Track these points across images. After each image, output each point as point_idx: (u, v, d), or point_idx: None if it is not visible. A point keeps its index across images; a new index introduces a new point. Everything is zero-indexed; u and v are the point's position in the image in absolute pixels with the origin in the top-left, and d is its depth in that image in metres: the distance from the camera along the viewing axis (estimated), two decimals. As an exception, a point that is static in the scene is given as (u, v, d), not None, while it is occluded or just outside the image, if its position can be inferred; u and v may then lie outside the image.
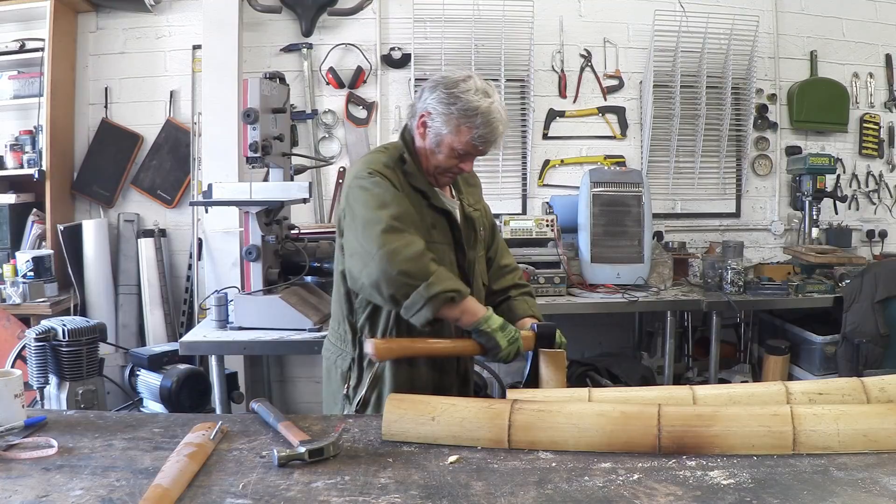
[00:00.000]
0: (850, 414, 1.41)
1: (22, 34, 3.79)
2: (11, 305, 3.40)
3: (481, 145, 1.85)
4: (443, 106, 1.82)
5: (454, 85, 1.82)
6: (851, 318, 3.31)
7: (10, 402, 1.53)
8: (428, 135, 1.88)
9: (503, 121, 1.85)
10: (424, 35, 3.99)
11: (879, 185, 4.37)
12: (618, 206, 3.46)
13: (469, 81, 1.82)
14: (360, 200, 1.80)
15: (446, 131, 1.84)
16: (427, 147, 1.89)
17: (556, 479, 1.30)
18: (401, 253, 1.69)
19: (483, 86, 1.84)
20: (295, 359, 4.09)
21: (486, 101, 1.81)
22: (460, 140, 1.83)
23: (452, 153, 1.86)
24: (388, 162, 1.87)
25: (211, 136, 3.76)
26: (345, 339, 1.95)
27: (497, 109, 1.82)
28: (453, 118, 1.82)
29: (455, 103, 1.81)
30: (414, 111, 1.91)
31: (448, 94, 1.82)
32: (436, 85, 1.85)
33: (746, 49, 4.10)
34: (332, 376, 2.00)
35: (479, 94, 1.81)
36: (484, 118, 1.80)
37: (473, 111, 1.80)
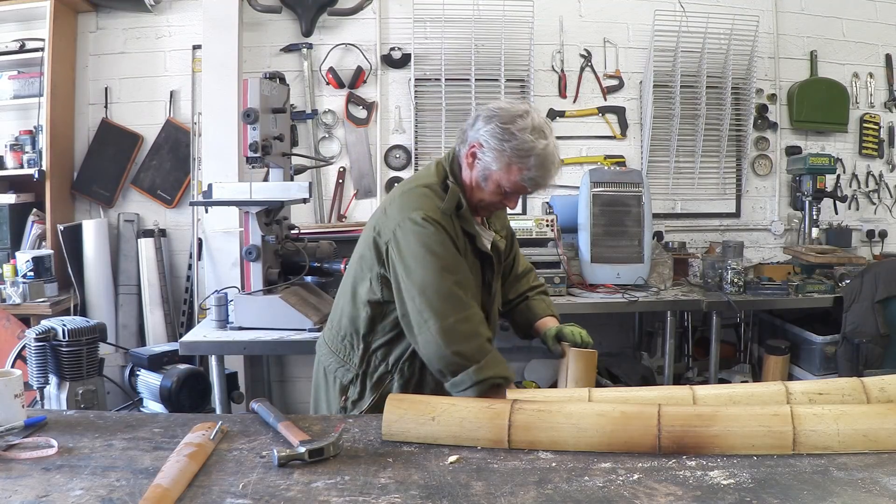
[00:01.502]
0: (850, 414, 1.41)
1: (22, 34, 3.79)
2: (11, 305, 3.40)
3: (531, 187, 1.79)
4: (496, 140, 1.74)
5: (511, 120, 1.73)
6: (851, 318, 3.32)
7: (10, 402, 1.53)
8: (476, 167, 1.80)
9: (557, 164, 1.78)
10: (424, 35, 3.99)
11: (879, 185, 4.37)
12: (618, 206, 3.46)
13: (526, 118, 1.74)
14: (418, 255, 1.72)
15: (496, 168, 1.76)
16: (473, 179, 1.82)
17: (556, 479, 1.30)
18: (457, 331, 1.67)
19: (541, 124, 1.76)
20: (295, 359, 4.09)
21: (542, 142, 1.73)
22: (509, 179, 1.77)
23: (498, 190, 1.80)
24: (446, 208, 1.78)
25: (211, 136, 3.76)
26: (351, 354, 1.92)
27: (552, 152, 1.75)
28: (505, 155, 1.74)
29: (509, 140, 1.73)
30: (464, 138, 1.82)
31: (503, 130, 1.73)
32: (491, 116, 1.76)
33: (746, 49, 4.10)
34: (328, 384, 1.97)
35: (536, 133, 1.73)
36: (538, 160, 1.73)
37: (527, 152, 1.73)
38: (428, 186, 1.82)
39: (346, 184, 4.10)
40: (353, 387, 1.91)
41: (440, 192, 1.81)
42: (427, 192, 1.81)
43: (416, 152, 4.10)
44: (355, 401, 1.90)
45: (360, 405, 1.89)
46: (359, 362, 1.90)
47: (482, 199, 1.84)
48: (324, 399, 2.00)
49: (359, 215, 4.09)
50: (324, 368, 2.00)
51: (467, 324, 1.70)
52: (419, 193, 1.81)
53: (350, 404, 1.90)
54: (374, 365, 1.90)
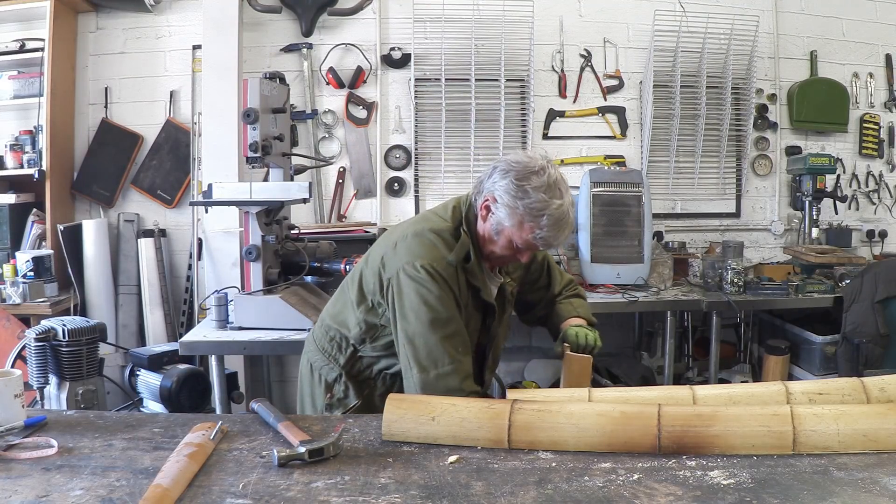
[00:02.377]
0: (850, 414, 1.41)
1: (22, 34, 3.79)
2: (11, 305, 3.40)
3: (542, 246, 1.78)
4: (509, 197, 1.72)
5: (526, 177, 1.71)
6: (851, 318, 3.31)
7: (10, 402, 1.53)
8: (489, 220, 1.78)
9: (570, 224, 1.76)
10: (424, 35, 3.99)
11: (879, 185, 4.37)
12: (618, 206, 3.46)
13: (542, 176, 1.71)
14: (413, 305, 1.74)
15: (508, 224, 1.74)
16: (486, 232, 1.80)
17: (556, 479, 1.30)
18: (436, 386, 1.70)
19: (557, 182, 1.73)
20: (295, 359, 4.07)
21: (556, 202, 1.71)
22: (521, 236, 1.75)
23: (510, 245, 1.78)
24: (453, 260, 1.77)
25: (211, 136, 3.76)
26: (337, 354, 1.95)
27: (566, 212, 1.73)
28: (518, 213, 1.72)
29: (523, 198, 1.70)
30: (481, 188, 1.80)
31: (517, 187, 1.71)
32: (507, 171, 1.74)
33: (746, 49, 4.10)
34: (313, 380, 2.00)
35: (550, 192, 1.71)
36: (550, 220, 1.71)
37: (540, 211, 1.70)
38: (440, 233, 1.81)
39: (346, 184, 4.10)
40: (337, 385, 1.94)
41: (451, 241, 1.80)
42: (437, 240, 1.79)
43: (416, 152, 4.10)
44: (341, 398, 1.93)
45: (345, 403, 1.92)
46: (343, 363, 1.94)
47: (494, 251, 1.82)
48: (308, 395, 2.02)
49: (359, 215, 4.09)
50: (310, 364, 2.03)
51: (447, 379, 1.71)
52: (429, 240, 1.79)
53: (336, 401, 1.93)
54: (357, 369, 1.94)
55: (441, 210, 1.90)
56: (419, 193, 4.12)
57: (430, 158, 4.12)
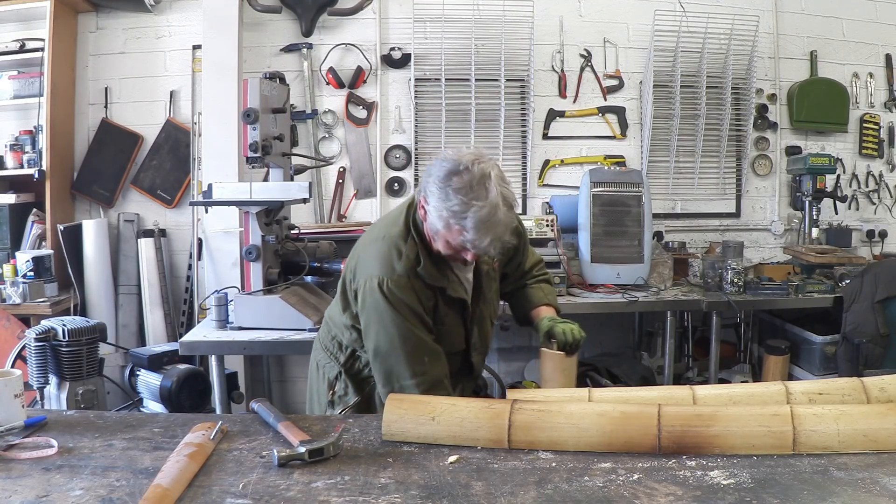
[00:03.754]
0: (850, 414, 1.41)
1: (22, 34, 3.79)
2: (11, 305, 3.40)
3: (473, 249, 1.69)
4: (434, 198, 1.67)
5: (447, 178, 1.64)
6: (851, 318, 3.31)
7: (10, 402, 1.53)
8: (427, 220, 1.74)
9: (500, 222, 1.64)
10: (424, 35, 3.99)
11: (879, 185, 4.37)
12: (618, 206, 3.46)
13: (464, 176, 1.62)
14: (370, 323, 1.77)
15: (439, 226, 1.69)
16: (428, 233, 1.77)
17: (556, 479, 1.30)
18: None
19: (483, 178, 1.63)
20: (295, 359, 4.09)
21: (478, 203, 1.61)
22: (453, 238, 1.69)
23: (449, 246, 1.73)
24: (404, 271, 1.74)
25: (211, 136, 3.76)
26: (337, 353, 1.99)
27: (491, 213, 1.62)
28: (444, 216, 1.65)
29: (445, 200, 1.64)
30: (420, 187, 1.75)
31: (440, 189, 1.65)
32: (438, 168, 1.68)
33: (746, 49, 4.10)
34: (319, 378, 2.05)
35: (473, 192, 1.61)
36: (473, 223, 1.62)
37: (463, 213, 1.62)
38: (392, 241, 1.77)
39: (346, 184, 4.10)
40: (338, 382, 1.97)
41: (402, 248, 1.76)
42: (389, 250, 1.77)
43: (416, 152, 4.10)
44: (342, 395, 1.96)
45: (345, 400, 1.95)
46: (343, 361, 1.98)
47: (440, 251, 1.77)
48: (316, 392, 2.06)
49: (359, 215, 4.09)
50: (316, 363, 2.07)
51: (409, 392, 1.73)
52: (379, 252, 1.77)
53: (337, 398, 1.96)
54: (357, 367, 1.97)
55: (397, 211, 1.87)
56: (419, 193, 4.11)
57: (430, 158, 4.08)
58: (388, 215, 1.94)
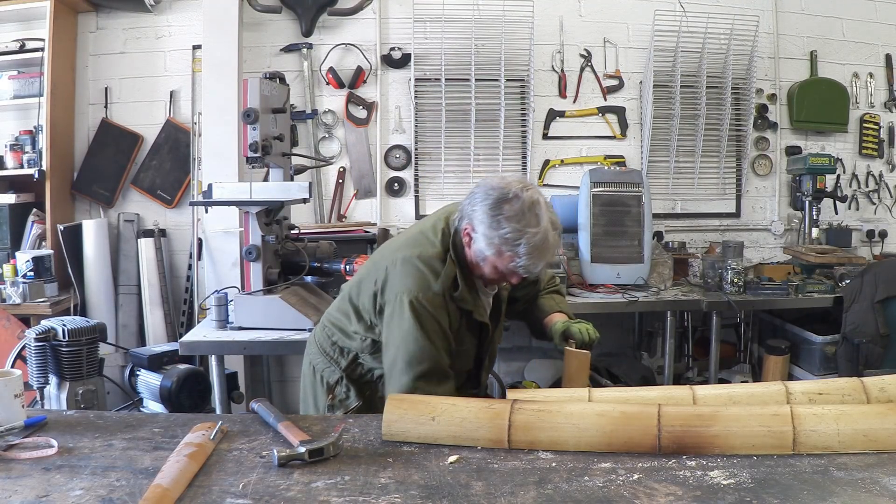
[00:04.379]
0: (850, 414, 1.41)
1: (22, 34, 3.79)
2: (11, 305, 3.40)
3: (524, 273, 1.74)
4: (484, 227, 1.70)
5: (498, 206, 1.68)
6: (851, 318, 3.31)
7: (10, 402, 1.53)
8: (472, 247, 1.77)
9: (551, 249, 1.71)
10: (424, 35, 3.99)
11: (879, 185, 4.37)
12: (618, 206, 3.46)
13: (515, 203, 1.67)
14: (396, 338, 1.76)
15: (489, 253, 1.72)
16: (472, 259, 1.80)
17: (556, 479, 1.30)
18: None
19: (533, 205, 1.68)
20: (295, 359, 4.08)
21: (532, 229, 1.67)
22: (503, 264, 1.73)
23: (496, 271, 1.76)
24: (441, 290, 1.76)
25: (211, 136, 3.76)
26: (339, 358, 1.98)
27: (543, 239, 1.68)
28: (494, 243, 1.69)
29: (497, 228, 1.68)
30: (462, 213, 1.78)
31: (492, 217, 1.68)
32: (483, 199, 1.71)
33: (746, 49, 4.10)
34: (315, 382, 2.03)
35: (525, 219, 1.67)
36: (528, 248, 1.67)
37: (517, 241, 1.67)
38: (428, 261, 1.79)
39: (346, 184, 4.10)
40: (339, 386, 1.97)
41: (438, 269, 1.78)
42: (425, 268, 1.78)
43: (416, 152, 4.10)
44: (342, 399, 1.96)
45: (346, 404, 1.95)
46: (345, 366, 1.97)
47: (483, 275, 1.81)
48: (311, 395, 2.05)
49: (359, 215, 4.10)
50: (312, 366, 2.05)
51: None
52: (418, 269, 1.78)
53: (338, 402, 1.96)
54: (359, 373, 1.97)
55: (431, 232, 1.87)
56: (419, 193, 4.12)
57: (430, 158, 4.12)
58: (416, 234, 1.91)
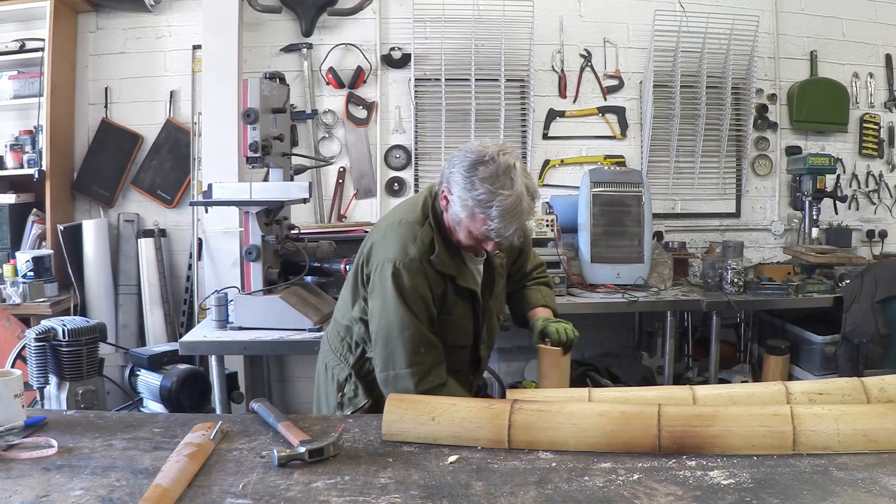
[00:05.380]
0: (850, 414, 1.41)
1: (22, 34, 3.79)
2: (11, 305, 3.40)
3: (496, 237, 1.74)
4: (459, 188, 1.71)
5: (474, 168, 1.69)
6: (851, 318, 3.31)
7: (10, 402, 1.53)
8: (449, 211, 1.78)
9: (524, 211, 1.71)
10: (424, 35, 3.99)
11: (879, 185, 4.37)
12: (618, 206, 3.46)
13: (490, 165, 1.68)
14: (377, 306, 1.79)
15: (463, 216, 1.73)
16: (449, 223, 1.81)
17: (556, 479, 1.30)
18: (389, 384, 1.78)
19: (508, 168, 1.68)
20: (295, 359, 4.09)
21: (504, 192, 1.66)
22: (476, 227, 1.73)
23: (471, 236, 1.77)
24: (417, 255, 1.77)
25: (211, 136, 3.76)
26: (347, 354, 1.99)
27: (516, 202, 1.68)
28: (468, 205, 1.70)
29: (471, 189, 1.68)
30: (441, 178, 1.79)
31: (466, 178, 1.69)
32: (462, 159, 1.72)
33: (746, 49, 4.10)
34: (327, 379, 2.04)
35: (498, 182, 1.67)
36: (499, 211, 1.67)
37: (489, 202, 1.67)
38: (409, 226, 1.82)
39: (346, 184, 4.10)
40: (348, 384, 1.97)
41: (416, 233, 1.80)
42: (404, 233, 1.81)
43: (416, 152, 4.10)
44: (351, 397, 1.96)
45: (355, 402, 1.95)
46: (353, 363, 1.97)
47: (459, 241, 1.82)
48: (324, 394, 2.06)
49: (359, 215, 4.09)
50: (325, 364, 2.07)
51: (403, 380, 1.77)
52: (397, 235, 1.81)
53: (347, 400, 1.96)
54: (367, 369, 1.96)
55: (413, 200, 1.91)
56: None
57: (430, 158, 4.12)
58: (405, 203, 1.97)
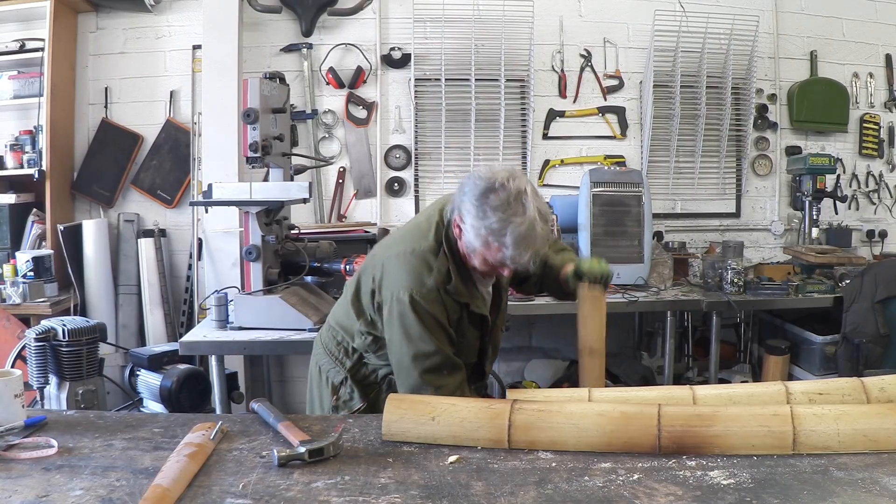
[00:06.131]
0: (850, 414, 1.41)
1: (22, 34, 3.79)
2: (11, 305, 3.40)
3: (511, 265, 1.72)
4: (471, 217, 1.69)
5: (485, 196, 1.66)
6: (851, 318, 3.31)
7: (10, 402, 1.53)
8: (462, 239, 1.76)
9: (538, 237, 1.68)
10: (424, 35, 3.99)
11: (879, 185, 4.37)
12: (618, 206, 3.46)
13: (501, 193, 1.65)
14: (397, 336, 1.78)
15: (477, 244, 1.71)
16: (463, 251, 1.79)
17: (556, 479, 1.30)
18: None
19: (518, 196, 1.66)
20: (295, 359, 4.09)
21: (517, 219, 1.64)
22: (491, 255, 1.71)
23: (486, 263, 1.75)
24: (434, 286, 1.75)
25: (211, 136, 3.76)
26: (343, 358, 1.98)
27: (529, 228, 1.65)
28: (482, 234, 1.68)
29: (483, 218, 1.66)
30: (453, 206, 1.77)
31: (477, 207, 1.67)
32: (473, 187, 1.70)
33: (746, 49, 4.10)
34: (321, 382, 2.03)
35: (510, 210, 1.64)
36: (513, 239, 1.65)
37: (502, 230, 1.65)
38: (422, 255, 1.79)
39: (346, 184, 4.10)
40: (343, 387, 1.97)
41: (432, 263, 1.78)
42: (419, 263, 1.78)
43: (416, 152, 4.10)
44: (346, 400, 1.96)
45: (350, 405, 1.95)
46: (350, 367, 1.97)
47: (475, 268, 1.80)
48: (317, 396, 2.05)
49: (359, 215, 4.10)
50: (318, 367, 2.06)
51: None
52: (412, 267, 1.78)
53: (342, 403, 1.96)
54: (363, 373, 1.97)
55: (425, 225, 1.86)
56: (419, 193, 4.12)
57: (430, 158, 4.12)
58: (411, 229, 1.91)
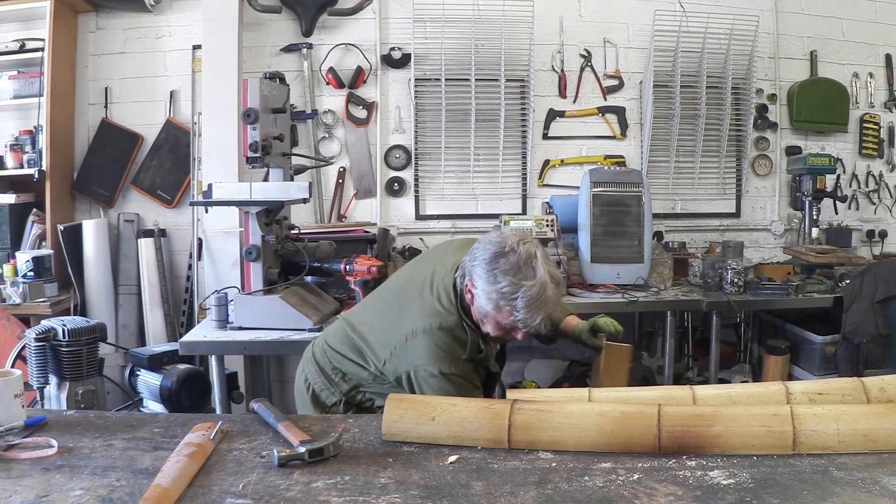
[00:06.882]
0: (850, 414, 1.41)
1: (22, 34, 3.79)
2: (11, 305, 3.40)
3: (523, 327, 1.73)
4: (482, 282, 1.71)
5: (495, 260, 1.69)
6: (851, 318, 3.31)
7: (10, 402, 1.53)
8: (474, 305, 1.78)
9: (550, 300, 1.70)
10: (424, 35, 3.99)
11: (879, 185, 4.37)
12: (618, 206, 3.46)
13: (511, 257, 1.68)
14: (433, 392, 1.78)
15: (489, 309, 1.73)
16: (476, 317, 1.81)
17: (556, 479, 1.30)
18: None
19: (529, 257, 1.68)
20: (295, 359, 4.03)
21: (527, 283, 1.67)
22: (503, 318, 1.73)
23: (498, 327, 1.77)
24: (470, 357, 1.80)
25: (211, 136, 3.76)
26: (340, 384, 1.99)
27: (540, 291, 1.67)
28: (493, 299, 1.70)
29: (494, 283, 1.68)
30: (464, 271, 1.79)
31: (488, 272, 1.69)
32: (483, 252, 1.72)
33: (746, 49, 4.10)
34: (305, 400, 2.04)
35: (521, 273, 1.67)
36: (524, 302, 1.67)
37: (513, 294, 1.67)
38: (451, 332, 1.80)
39: (346, 184, 4.10)
40: (336, 409, 1.98)
41: (462, 338, 1.80)
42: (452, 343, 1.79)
43: (416, 152, 4.10)
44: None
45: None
46: (346, 391, 1.98)
47: (489, 332, 1.82)
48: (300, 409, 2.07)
49: (359, 215, 4.10)
50: (308, 383, 2.05)
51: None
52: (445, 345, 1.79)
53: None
54: (359, 399, 1.98)
55: (445, 296, 1.83)
56: (419, 193, 4.12)
57: (430, 158, 4.12)
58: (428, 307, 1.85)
